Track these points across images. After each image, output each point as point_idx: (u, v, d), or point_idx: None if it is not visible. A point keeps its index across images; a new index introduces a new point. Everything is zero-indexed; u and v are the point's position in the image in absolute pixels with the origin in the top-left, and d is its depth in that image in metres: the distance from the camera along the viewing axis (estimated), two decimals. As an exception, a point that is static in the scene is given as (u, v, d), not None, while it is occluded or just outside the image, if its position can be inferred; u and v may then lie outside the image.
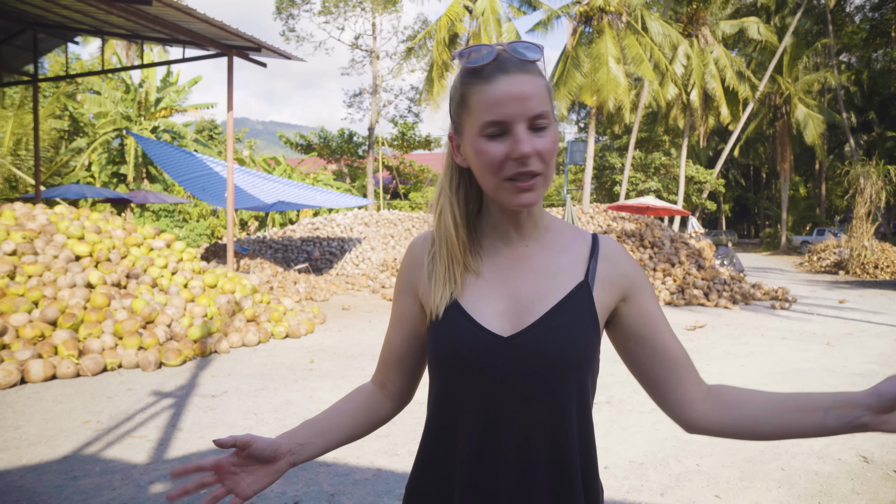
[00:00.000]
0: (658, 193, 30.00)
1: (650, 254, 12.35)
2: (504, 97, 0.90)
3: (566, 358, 0.95)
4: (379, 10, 25.89)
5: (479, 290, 1.01)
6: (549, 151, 0.93)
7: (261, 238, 16.62)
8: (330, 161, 32.18)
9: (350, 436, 1.13)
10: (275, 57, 10.47)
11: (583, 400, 0.99)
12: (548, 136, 0.92)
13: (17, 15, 10.21)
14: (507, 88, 0.90)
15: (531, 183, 0.93)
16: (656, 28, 23.43)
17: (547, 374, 0.95)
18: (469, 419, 0.98)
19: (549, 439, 0.96)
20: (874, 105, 33.49)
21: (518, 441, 0.96)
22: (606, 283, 1.01)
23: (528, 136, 0.91)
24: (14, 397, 4.79)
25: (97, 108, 22.20)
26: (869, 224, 18.22)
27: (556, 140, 0.95)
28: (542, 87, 0.93)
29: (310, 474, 3.44)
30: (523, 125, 0.91)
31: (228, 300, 7.34)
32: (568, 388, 0.96)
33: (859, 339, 7.76)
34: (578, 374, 0.97)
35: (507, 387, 0.95)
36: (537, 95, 0.91)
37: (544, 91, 0.93)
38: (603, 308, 1.01)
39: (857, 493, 3.28)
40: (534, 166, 0.92)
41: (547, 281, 1.00)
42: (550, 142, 0.93)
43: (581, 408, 0.98)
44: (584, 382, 0.98)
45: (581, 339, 0.97)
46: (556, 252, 1.03)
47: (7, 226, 6.80)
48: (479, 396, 0.97)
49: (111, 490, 3.19)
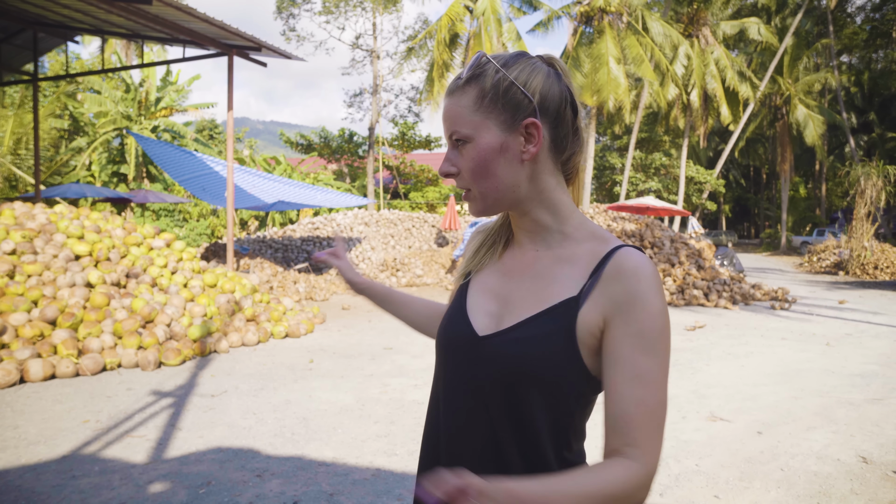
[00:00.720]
0: (658, 194, 30.02)
1: (650, 254, 12.35)
2: (442, 120, 0.99)
3: (521, 371, 0.92)
4: (380, 10, 25.89)
5: (485, 284, 1.05)
6: (467, 169, 0.97)
7: (261, 238, 16.62)
8: (330, 161, 32.18)
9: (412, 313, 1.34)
10: (275, 56, 10.46)
11: (524, 414, 0.93)
12: (466, 152, 0.96)
13: (17, 14, 10.21)
14: (442, 112, 0.99)
15: (465, 196, 1.00)
16: (657, 28, 23.42)
17: (499, 380, 0.94)
18: (435, 399, 1.05)
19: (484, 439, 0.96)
20: (874, 106, 33.49)
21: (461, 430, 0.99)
22: (595, 303, 0.92)
23: (451, 155, 0.99)
24: (13, 397, 4.79)
25: (97, 108, 22.19)
26: (869, 225, 18.22)
27: (478, 155, 0.95)
28: (463, 103, 0.96)
29: (309, 474, 3.44)
30: (449, 145, 0.99)
31: (228, 300, 7.34)
32: (512, 398, 0.93)
33: (859, 340, 7.76)
34: (532, 390, 0.92)
35: (465, 381, 0.99)
36: (452, 116, 0.97)
37: (465, 107, 0.95)
38: (587, 329, 0.92)
39: (856, 493, 3.28)
40: (459, 182, 0.99)
41: (540, 290, 0.97)
42: (469, 158, 0.96)
43: (521, 421, 0.94)
44: (530, 398, 0.92)
45: (544, 357, 0.92)
46: (562, 262, 0.98)
47: (7, 225, 6.80)
48: (444, 382, 1.03)
49: (110, 490, 3.18)
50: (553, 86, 0.96)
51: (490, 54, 0.96)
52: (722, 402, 4.98)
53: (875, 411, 4.75)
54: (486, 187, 0.96)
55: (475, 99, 0.94)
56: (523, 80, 0.94)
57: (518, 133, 0.94)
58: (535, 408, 0.93)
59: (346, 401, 4.90)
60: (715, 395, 5.18)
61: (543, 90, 0.95)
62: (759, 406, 4.87)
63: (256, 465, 3.56)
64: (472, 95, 0.95)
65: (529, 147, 0.95)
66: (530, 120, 0.94)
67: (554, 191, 0.99)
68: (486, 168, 0.95)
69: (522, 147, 0.95)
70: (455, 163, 0.98)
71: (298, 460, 3.64)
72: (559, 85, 0.97)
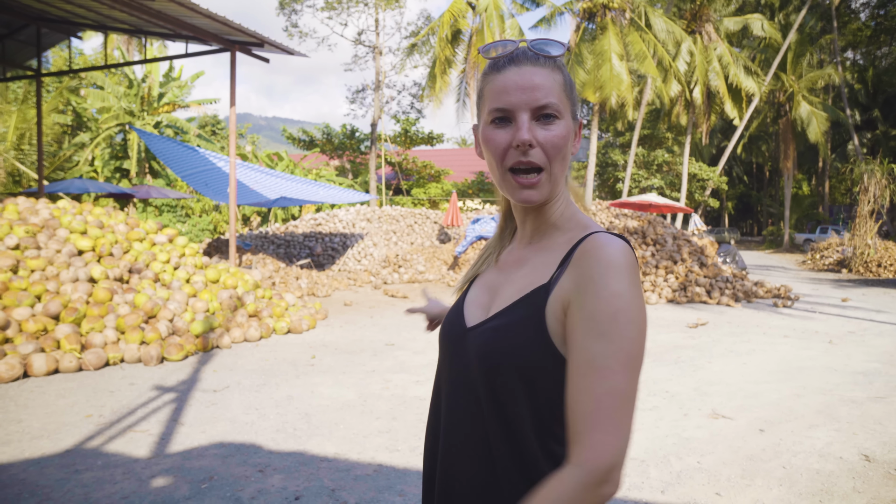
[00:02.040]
0: (661, 191, 29.94)
1: (652, 251, 12.33)
2: (510, 86, 0.92)
3: (491, 360, 0.93)
4: (382, 6, 25.85)
5: (483, 280, 1.09)
6: (553, 145, 0.92)
7: (263, 233, 16.63)
8: (332, 157, 32.17)
9: None
10: (277, 52, 10.45)
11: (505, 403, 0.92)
12: (554, 128, 0.92)
13: (20, 10, 10.21)
14: (514, 78, 0.92)
15: (533, 180, 0.93)
16: (660, 25, 23.34)
17: (478, 370, 0.95)
18: (444, 394, 1.04)
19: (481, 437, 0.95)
20: (878, 103, 33.34)
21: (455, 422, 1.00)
22: (562, 289, 0.90)
23: (531, 125, 0.92)
24: (17, 391, 4.80)
25: (100, 103, 22.20)
26: (872, 222, 18.17)
27: (565, 136, 0.94)
28: (554, 80, 0.94)
29: (311, 469, 3.44)
30: (526, 114, 0.92)
31: (230, 295, 7.35)
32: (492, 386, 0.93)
33: (862, 338, 7.75)
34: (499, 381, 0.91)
35: (455, 373, 1.01)
36: (545, 87, 0.92)
37: (557, 85, 0.94)
38: (554, 315, 0.90)
39: (858, 491, 3.28)
40: (535, 157, 0.92)
41: (519, 279, 0.98)
42: (556, 136, 0.92)
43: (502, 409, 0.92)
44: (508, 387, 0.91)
45: (511, 345, 0.91)
46: (544, 250, 0.99)
47: (10, 220, 6.81)
48: (448, 375, 1.03)
49: (113, 484, 3.19)
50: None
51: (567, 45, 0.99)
52: (724, 399, 4.97)
53: (878, 409, 4.74)
54: (559, 169, 0.95)
55: (563, 81, 0.95)
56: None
57: (575, 128, 0.99)
58: (517, 397, 0.92)
59: (347, 397, 4.90)
60: (717, 392, 5.18)
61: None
62: (762, 403, 4.86)
63: (258, 460, 3.57)
64: (561, 77, 0.95)
65: (576, 144, 0.99)
66: (580, 121, 1.00)
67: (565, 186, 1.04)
68: (566, 149, 0.95)
69: (573, 142, 0.98)
70: (535, 135, 0.92)
71: (300, 456, 3.65)
72: None
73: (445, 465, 1.01)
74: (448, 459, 1.00)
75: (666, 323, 8.70)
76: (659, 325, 8.53)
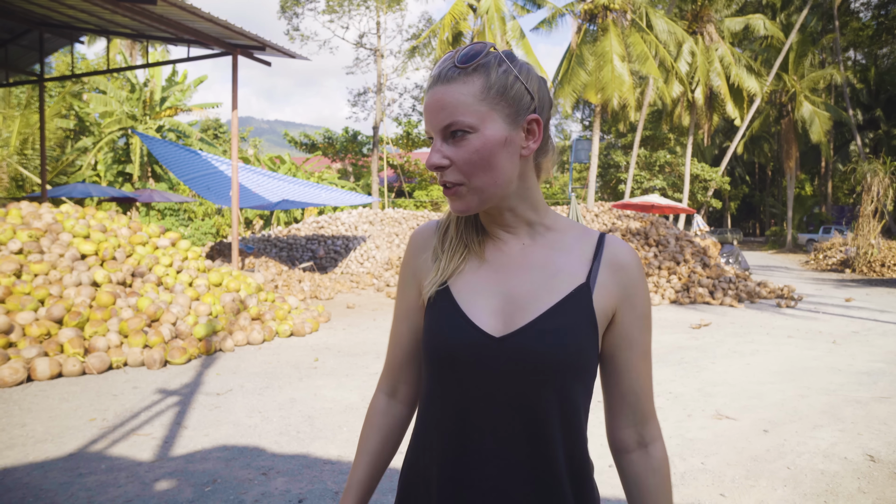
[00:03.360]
0: (663, 191, 29.92)
1: (655, 252, 12.32)
2: (427, 109, 0.93)
3: (559, 363, 0.92)
4: (383, 9, 25.88)
5: (474, 283, 0.99)
6: (465, 161, 0.91)
7: (265, 237, 16.64)
8: (334, 160, 32.22)
9: (386, 466, 1.18)
10: (279, 56, 10.47)
11: (571, 406, 0.94)
12: (466, 145, 0.91)
13: (23, 15, 10.25)
14: (428, 101, 0.93)
15: (452, 191, 0.94)
16: (661, 25, 23.34)
17: (537, 378, 0.92)
18: (454, 416, 0.97)
19: (532, 442, 0.94)
20: (881, 102, 33.31)
21: (500, 446, 0.94)
22: (606, 289, 0.97)
23: (442, 146, 0.92)
24: (20, 395, 4.81)
25: (103, 108, 22.28)
26: (876, 222, 18.13)
27: (479, 149, 0.91)
28: (465, 93, 0.90)
29: (314, 472, 3.44)
30: (438, 137, 0.93)
31: (233, 298, 7.36)
32: (558, 392, 0.93)
33: (866, 338, 7.73)
34: (572, 380, 0.93)
35: (495, 387, 0.93)
36: (451, 105, 0.90)
37: (468, 97, 0.90)
38: (602, 313, 0.97)
39: (863, 492, 3.27)
40: (448, 176, 0.93)
41: (545, 281, 0.97)
42: (467, 151, 0.91)
43: (567, 414, 0.94)
44: (574, 389, 0.94)
45: (577, 345, 0.93)
46: (556, 251, 1.00)
47: (13, 224, 6.83)
48: (465, 395, 0.95)
49: (117, 487, 3.20)
50: (543, 88, 0.97)
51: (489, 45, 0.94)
52: (728, 400, 4.96)
53: (882, 409, 4.73)
54: (485, 181, 0.92)
55: (482, 88, 0.90)
56: (525, 77, 0.94)
57: (520, 128, 0.93)
58: (578, 398, 0.96)
59: (351, 399, 4.90)
60: (721, 393, 5.17)
61: (540, 91, 0.96)
62: (765, 404, 4.85)
63: (262, 463, 3.57)
64: (478, 84, 0.90)
65: (530, 143, 0.95)
66: (534, 116, 0.94)
67: (534, 187, 1.00)
68: (488, 161, 0.91)
69: (523, 143, 0.94)
70: (447, 155, 0.92)
71: (304, 458, 3.65)
72: (546, 88, 0.98)
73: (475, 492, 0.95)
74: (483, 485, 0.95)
75: (669, 324, 8.68)
76: (662, 326, 8.51)
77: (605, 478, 3.39)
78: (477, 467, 0.95)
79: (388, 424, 1.14)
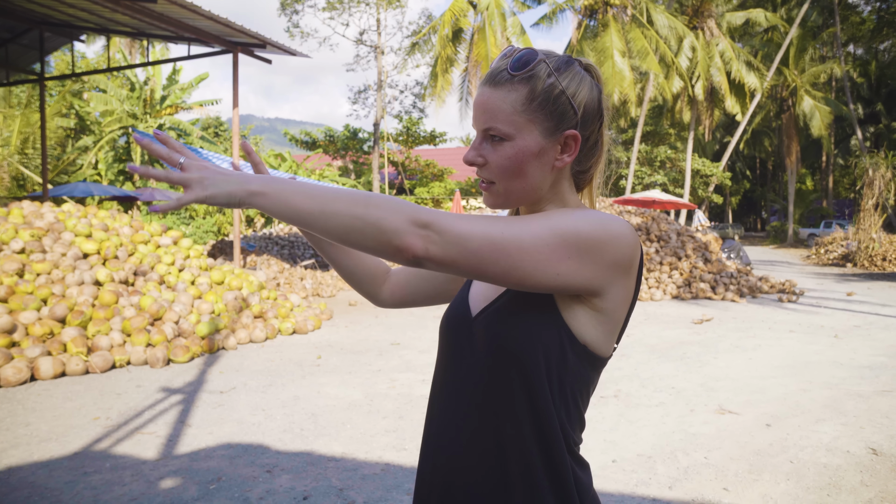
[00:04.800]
0: (664, 187, 29.89)
1: (656, 247, 12.32)
2: (474, 106, 0.97)
3: (506, 347, 0.92)
4: (383, 6, 25.84)
5: None
6: (497, 165, 0.95)
7: (267, 234, 16.65)
8: (335, 157, 32.19)
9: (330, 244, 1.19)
10: (280, 53, 10.46)
11: (534, 394, 0.91)
12: (501, 150, 0.94)
13: (23, 14, 10.25)
14: (476, 98, 0.97)
15: (485, 187, 0.99)
16: (661, 21, 23.30)
17: (488, 359, 0.95)
18: (444, 385, 1.03)
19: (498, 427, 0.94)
20: (881, 97, 33.23)
21: (471, 420, 0.97)
22: None
23: (480, 145, 0.96)
24: (24, 394, 4.82)
25: (103, 107, 22.26)
26: (877, 216, 18.11)
27: (514, 156, 0.93)
28: (507, 101, 0.92)
29: (318, 469, 3.45)
30: (479, 135, 0.96)
31: (235, 297, 7.37)
32: (510, 375, 0.92)
33: (867, 332, 7.73)
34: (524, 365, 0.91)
35: (463, 361, 0.99)
36: (492, 110, 0.93)
37: (509, 105, 0.92)
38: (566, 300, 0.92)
39: (866, 485, 3.27)
40: (482, 174, 0.98)
41: None
42: (502, 157, 0.94)
43: (534, 402, 0.91)
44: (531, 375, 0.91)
45: (525, 331, 0.91)
46: None
47: (15, 224, 6.84)
48: (449, 365, 1.03)
49: (121, 486, 3.21)
50: (594, 98, 0.97)
51: (542, 54, 0.94)
52: (730, 394, 4.97)
53: (885, 403, 4.73)
54: (514, 186, 0.96)
55: (525, 99, 0.92)
56: (573, 91, 0.94)
57: (557, 142, 0.95)
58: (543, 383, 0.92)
59: (354, 396, 4.91)
60: (723, 387, 5.17)
61: (588, 103, 0.96)
62: (768, 399, 4.86)
63: (266, 460, 3.58)
64: (522, 94, 0.92)
65: (564, 157, 0.96)
66: (572, 132, 0.95)
67: (567, 195, 1.02)
68: (519, 169, 0.94)
69: (557, 156, 0.96)
70: (484, 154, 0.96)
71: (308, 456, 3.66)
72: (598, 96, 0.98)
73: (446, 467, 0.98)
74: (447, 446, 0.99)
75: (671, 319, 8.68)
76: (664, 321, 8.52)
77: (609, 472, 3.40)
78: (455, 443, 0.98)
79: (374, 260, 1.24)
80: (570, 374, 0.93)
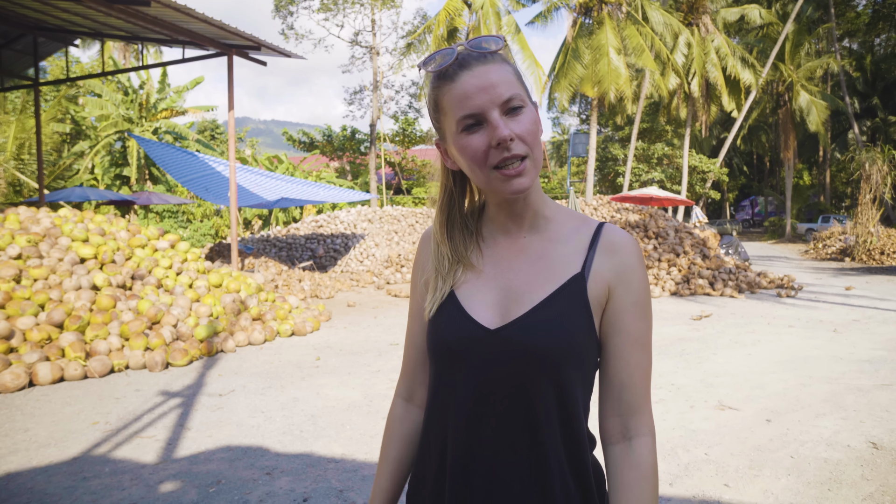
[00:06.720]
0: (661, 184, 29.91)
1: (654, 244, 12.32)
2: (471, 90, 0.92)
3: (551, 353, 0.93)
4: (378, 6, 25.82)
5: (475, 281, 1.02)
6: (528, 132, 0.93)
7: (265, 237, 16.63)
8: (332, 158, 32.18)
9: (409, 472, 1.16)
10: (274, 55, 10.44)
11: (568, 397, 0.94)
12: (524, 117, 0.93)
13: (16, 19, 10.22)
14: (472, 81, 0.92)
15: (519, 168, 0.93)
16: (657, 17, 23.29)
17: (529, 369, 0.93)
18: (457, 410, 0.98)
19: (530, 434, 0.95)
20: (878, 91, 33.26)
21: (500, 435, 0.95)
22: (600, 275, 0.97)
23: (504, 120, 0.92)
24: (23, 400, 4.81)
25: (98, 111, 22.23)
26: (874, 210, 18.12)
27: (536, 121, 0.95)
28: (507, 72, 0.94)
29: (318, 471, 3.44)
30: (496, 111, 0.92)
31: (234, 299, 7.36)
32: (551, 383, 0.93)
33: (866, 326, 7.73)
34: (564, 370, 0.93)
35: (492, 379, 0.95)
36: (503, 81, 0.93)
37: (511, 76, 0.94)
38: (597, 301, 0.97)
39: (866, 479, 3.27)
40: (516, 149, 0.92)
41: (541, 272, 0.99)
42: (529, 122, 0.93)
43: (565, 405, 0.94)
44: (571, 378, 0.94)
45: (568, 334, 0.94)
46: (555, 242, 1.01)
47: (12, 229, 6.82)
48: (466, 388, 0.97)
49: (121, 490, 3.20)
50: None
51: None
52: (730, 390, 4.97)
53: (884, 397, 4.73)
54: (539, 155, 0.96)
55: (514, 73, 0.96)
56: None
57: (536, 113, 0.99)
58: (575, 387, 0.95)
59: (353, 397, 4.90)
60: (723, 383, 5.17)
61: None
62: (768, 394, 4.85)
63: (266, 463, 3.57)
64: (511, 69, 0.96)
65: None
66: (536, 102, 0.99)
67: None
68: (538, 133, 0.96)
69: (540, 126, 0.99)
70: (510, 127, 0.92)
71: (307, 457, 3.65)
72: None
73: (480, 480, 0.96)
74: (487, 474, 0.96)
75: (670, 316, 8.68)
76: (663, 317, 8.51)
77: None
78: (482, 460, 0.96)
79: (407, 431, 1.14)
80: (592, 380, 1.00)
